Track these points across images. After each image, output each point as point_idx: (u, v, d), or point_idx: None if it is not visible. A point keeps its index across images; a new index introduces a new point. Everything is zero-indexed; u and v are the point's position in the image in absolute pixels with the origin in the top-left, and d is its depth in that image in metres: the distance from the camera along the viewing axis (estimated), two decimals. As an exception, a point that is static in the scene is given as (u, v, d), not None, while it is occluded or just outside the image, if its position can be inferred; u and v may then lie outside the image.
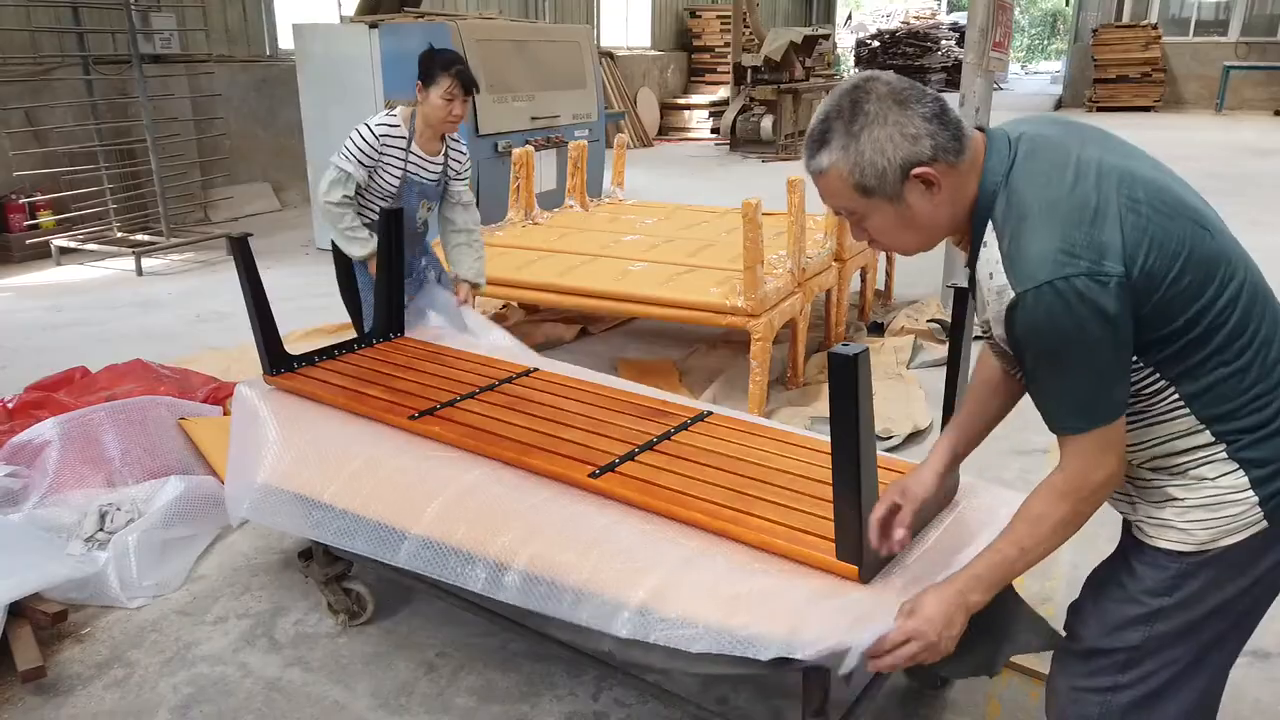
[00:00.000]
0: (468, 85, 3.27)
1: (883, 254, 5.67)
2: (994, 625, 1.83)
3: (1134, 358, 1.36)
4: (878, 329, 5.29)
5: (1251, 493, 1.37)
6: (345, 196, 3.33)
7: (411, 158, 3.38)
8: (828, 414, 1.72)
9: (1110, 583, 1.55)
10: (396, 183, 3.39)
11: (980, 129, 1.44)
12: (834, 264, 4.70)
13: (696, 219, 5.58)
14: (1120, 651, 1.50)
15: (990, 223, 1.38)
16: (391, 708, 2.39)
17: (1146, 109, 18.24)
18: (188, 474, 3.30)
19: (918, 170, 1.36)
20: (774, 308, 4.00)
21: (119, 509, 3.08)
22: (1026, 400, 1.68)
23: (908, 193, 1.39)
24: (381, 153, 3.34)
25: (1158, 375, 1.38)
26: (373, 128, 3.33)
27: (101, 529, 3.02)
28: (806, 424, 3.79)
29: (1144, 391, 1.40)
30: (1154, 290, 1.30)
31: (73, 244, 7.12)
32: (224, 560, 3.06)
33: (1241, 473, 1.38)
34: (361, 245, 3.35)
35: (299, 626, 2.71)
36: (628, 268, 4.45)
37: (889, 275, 5.87)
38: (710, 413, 2.53)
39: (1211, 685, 1.54)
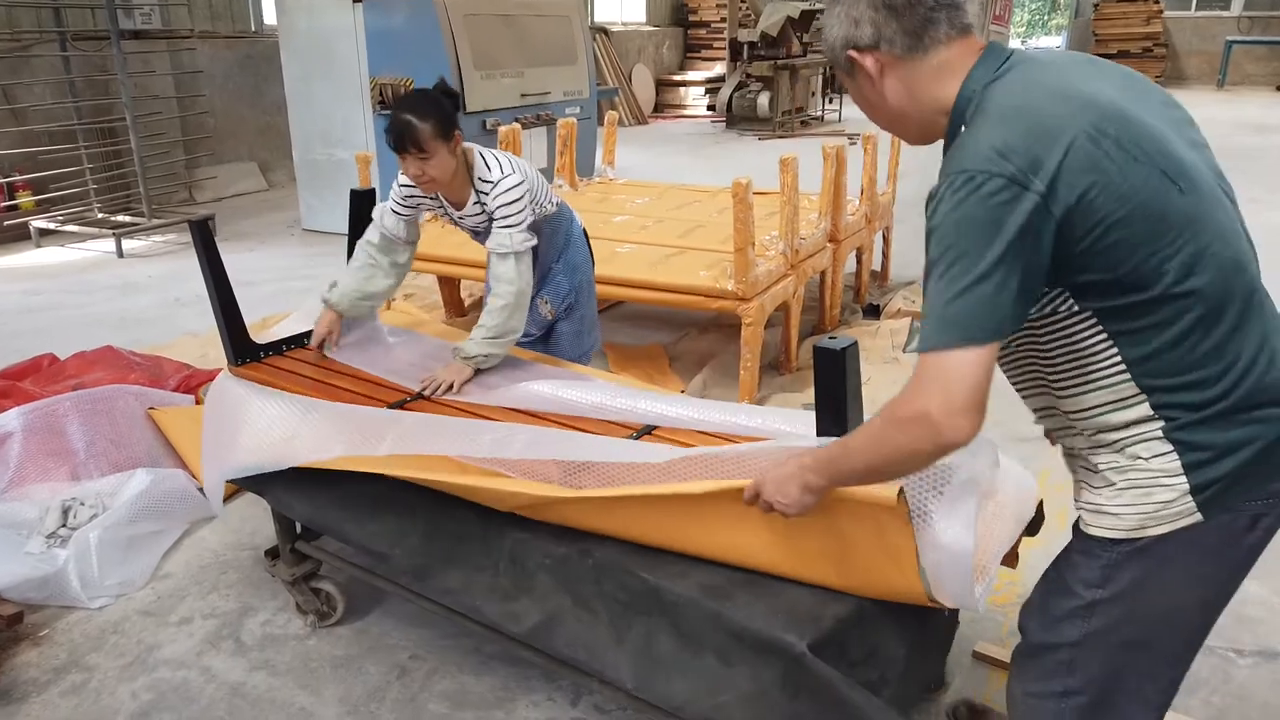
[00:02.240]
0: (399, 140, 2.48)
1: (879, 235, 5.53)
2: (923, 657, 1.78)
3: (1072, 302, 1.29)
4: (874, 311, 5.16)
5: (1184, 479, 1.29)
6: (369, 241, 2.77)
7: (450, 209, 2.77)
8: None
9: (1053, 575, 1.50)
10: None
11: (975, 37, 1.40)
12: (828, 245, 4.57)
13: (688, 199, 5.44)
14: (1062, 649, 1.43)
15: (963, 127, 1.34)
16: (360, 714, 2.28)
17: (1148, 85, 18.01)
18: (156, 466, 3.18)
19: (850, 52, 1.40)
20: (766, 291, 3.87)
21: (83, 504, 2.96)
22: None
23: (856, 73, 1.43)
24: (416, 202, 2.76)
25: (1100, 328, 1.30)
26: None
27: (64, 524, 2.90)
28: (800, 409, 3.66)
29: (1083, 345, 1.32)
30: (1092, 227, 1.22)
31: (52, 225, 6.97)
32: (192, 557, 2.95)
33: (1175, 455, 1.29)
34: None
35: (267, 627, 2.60)
36: (616, 249, 4.31)
37: (885, 256, 5.74)
38: (655, 428, 2.23)
39: (1165, 698, 1.46)
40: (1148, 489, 1.32)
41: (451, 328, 3.17)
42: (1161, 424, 1.30)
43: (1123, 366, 1.30)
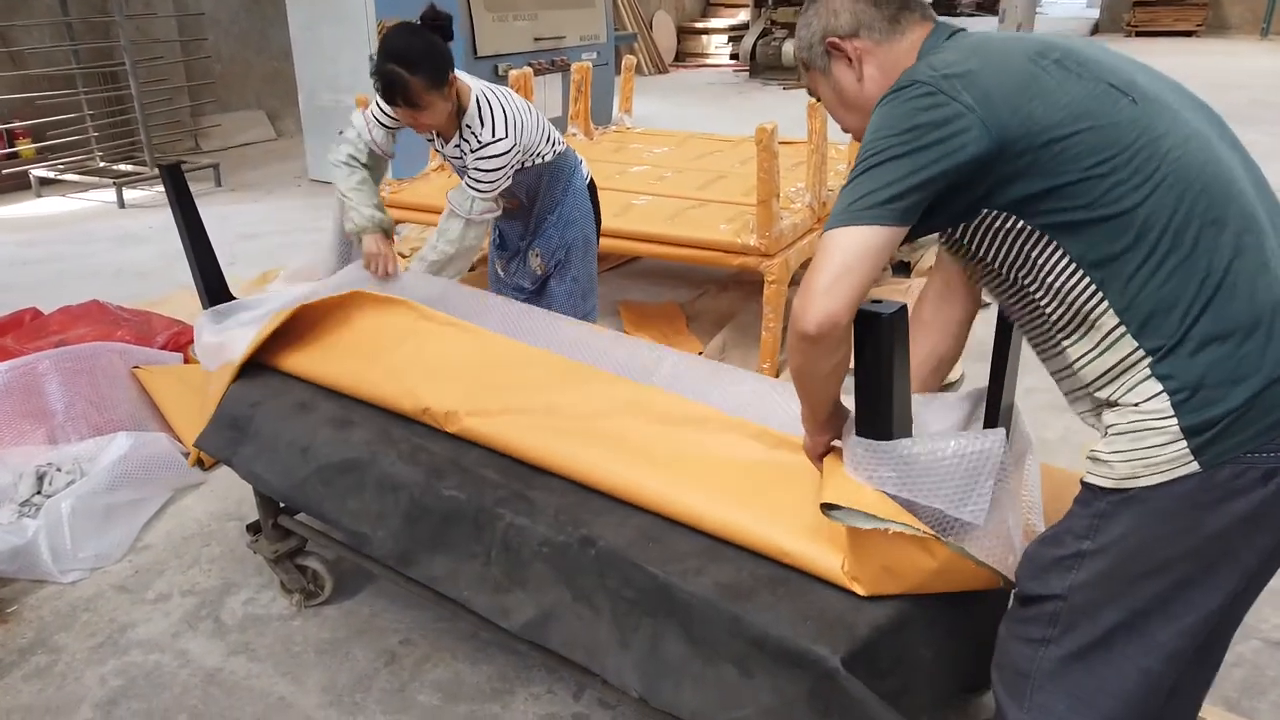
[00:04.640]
0: (387, 92, 2.36)
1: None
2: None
3: (1036, 231, 1.25)
4: (903, 268, 4.89)
5: (1174, 420, 1.18)
6: (351, 157, 2.57)
7: (437, 138, 2.61)
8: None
9: (1051, 528, 1.40)
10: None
11: (933, 19, 1.43)
12: (858, 198, 4.29)
13: (709, 148, 5.15)
14: (1048, 600, 1.33)
15: None
16: (344, 705, 2.10)
17: (1188, 34, 17.33)
18: (139, 429, 2.99)
19: (830, 40, 1.41)
20: (790, 246, 3.62)
21: (59, 469, 2.78)
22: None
23: (833, 67, 1.43)
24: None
25: (1064, 253, 1.24)
26: None
27: (39, 492, 2.73)
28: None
29: (1060, 282, 1.26)
30: (1034, 136, 1.21)
31: (52, 174, 6.76)
32: (173, 528, 2.76)
33: (1164, 394, 1.19)
34: (350, 220, 2.55)
35: (249, 607, 2.42)
36: (632, 201, 4.06)
37: (916, 210, 5.44)
38: None
39: (1154, 665, 1.27)
40: (1139, 434, 1.22)
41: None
42: (1149, 360, 1.21)
43: (1100, 295, 1.23)
